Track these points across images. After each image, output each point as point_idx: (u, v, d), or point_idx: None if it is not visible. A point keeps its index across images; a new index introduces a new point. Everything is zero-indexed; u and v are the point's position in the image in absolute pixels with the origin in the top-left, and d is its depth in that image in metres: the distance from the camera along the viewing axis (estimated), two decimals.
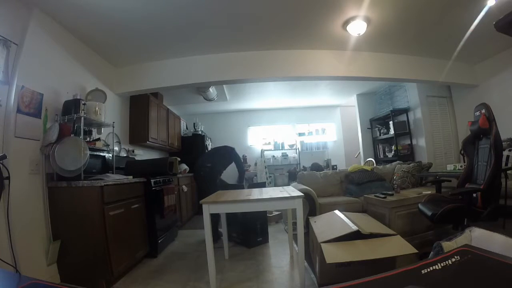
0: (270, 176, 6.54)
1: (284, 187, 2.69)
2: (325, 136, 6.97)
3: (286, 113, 7.03)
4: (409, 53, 3.73)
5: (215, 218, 2.85)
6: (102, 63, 3.30)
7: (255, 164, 6.57)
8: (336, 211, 2.51)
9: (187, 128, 6.21)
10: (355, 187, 3.58)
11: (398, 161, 4.22)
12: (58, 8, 2.29)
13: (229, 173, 3.88)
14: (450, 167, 3.40)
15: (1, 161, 1.59)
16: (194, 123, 6.08)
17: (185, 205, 4.29)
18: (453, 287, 0.49)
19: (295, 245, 2.54)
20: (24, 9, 2.16)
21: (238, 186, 3.63)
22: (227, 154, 3.75)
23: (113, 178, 2.45)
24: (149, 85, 3.60)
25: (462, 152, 2.64)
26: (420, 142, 4.81)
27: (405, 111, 5.04)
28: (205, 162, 3.57)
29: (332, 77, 3.77)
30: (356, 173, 3.77)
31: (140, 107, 3.96)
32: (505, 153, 2.98)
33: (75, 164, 2.23)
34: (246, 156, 6.75)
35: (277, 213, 4.14)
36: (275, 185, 6.25)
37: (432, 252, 0.92)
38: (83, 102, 2.49)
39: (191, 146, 5.62)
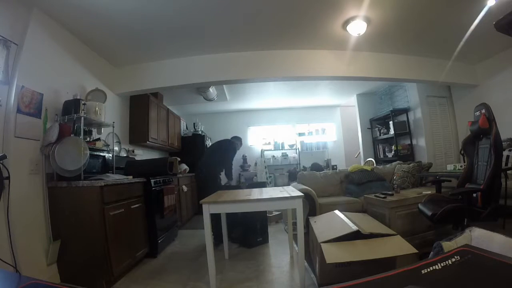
0: (270, 176, 6.54)
1: (284, 187, 2.69)
2: (325, 136, 6.97)
3: (286, 113, 7.03)
4: (409, 53, 3.73)
5: (215, 220, 2.78)
6: (102, 63, 3.30)
7: (255, 164, 6.57)
8: (336, 211, 2.51)
9: (187, 128, 6.21)
10: (355, 187, 3.58)
11: (398, 161, 4.22)
12: (58, 8, 2.29)
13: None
14: (450, 167, 3.41)
15: (1, 161, 1.59)
16: (194, 123, 6.09)
17: (185, 205, 4.29)
18: (453, 287, 0.49)
19: (295, 245, 2.54)
20: (24, 9, 2.16)
21: (237, 187, 3.58)
22: (222, 151, 3.60)
23: (113, 178, 2.45)
24: (149, 85, 3.60)
25: (462, 152, 2.64)
26: (420, 142, 4.81)
27: (405, 111, 5.04)
28: (203, 164, 3.50)
29: (332, 77, 3.78)
30: (356, 173, 3.77)
31: (140, 107, 3.96)
32: (505, 153, 2.99)
33: (75, 164, 2.23)
34: (246, 156, 6.75)
35: (277, 213, 4.14)
36: (275, 185, 6.25)
37: (432, 252, 0.92)
38: (83, 102, 2.49)
39: (191, 146, 5.62)
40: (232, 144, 3.73)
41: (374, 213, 2.70)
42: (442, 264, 0.51)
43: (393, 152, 5.27)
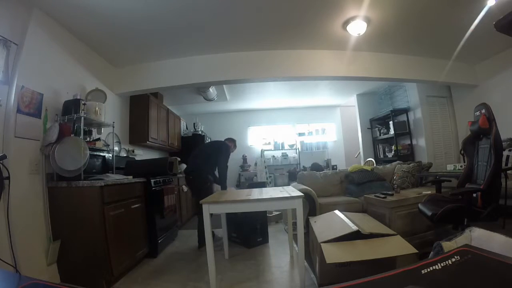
0: (270, 176, 6.53)
1: (284, 187, 2.69)
2: (325, 136, 6.96)
3: (286, 113, 7.03)
4: (409, 53, 3.72)
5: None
6: (102, 63, 3.30)
7: (255, 164, 6.57)
8: (336, 211, 2.51)
9: (187, 128, 6.21)
10: (355, 187, 3.58)
11: (398, 161, 4.22)
12: (58, 8, 2.29)
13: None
14: (450, 167, 3.41)
15: (1, 161, 1.59)
16: (194, 123, 6.08)
17: (185, 205, 4.29)
18: (453, 287, 0.49)
19: (295, 245, 2.54)
20: (24, 9, 2.16)
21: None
22: (214, 152, 3.25)
23: (113, 178, 2.45)
24: (149, 85, 3.60)
25: (462, 152, 2.64)
26: (420, 142, 4.81)
27: (405, 111, 5.04)
28: (189, 168, 3.26)
29: (332, 77, 3.77)
30: (356, 173, 3.77)
31: (140, 107, 3.96)
32: (505, 153, 2.98)
33: (75, 164, 2.23)
34: (246, 156, 6.75)
35: (277, 213, 4.14)
36: (275, 185, 6.25)
37: (432, 252, 0.92)
38: (83, 102, 2.49)
39: (191, 146, 5.58)
40: (223, 146, 3.34)
41: (374, 213, 2.70)
42: (442, 264, 0.51)
43: (393, 152, 5.27)
